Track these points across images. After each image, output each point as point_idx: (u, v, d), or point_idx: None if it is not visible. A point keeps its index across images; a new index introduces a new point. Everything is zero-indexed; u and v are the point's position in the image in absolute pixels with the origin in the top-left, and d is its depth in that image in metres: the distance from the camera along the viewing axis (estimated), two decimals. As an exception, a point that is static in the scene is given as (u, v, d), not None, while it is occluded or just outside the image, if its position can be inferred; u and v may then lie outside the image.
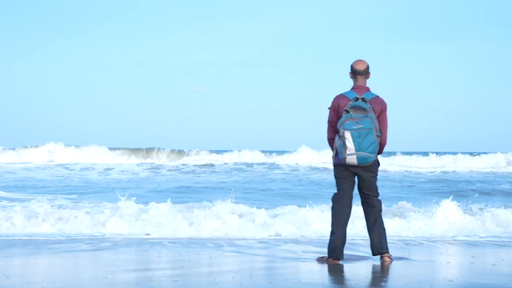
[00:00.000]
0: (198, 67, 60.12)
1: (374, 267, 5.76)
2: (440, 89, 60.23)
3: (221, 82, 61.19)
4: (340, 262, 5.85)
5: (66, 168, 23.05)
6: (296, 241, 7.35)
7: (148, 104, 60.25)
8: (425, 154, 33.06)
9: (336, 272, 5.41)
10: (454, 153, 33.71)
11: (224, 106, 61.62)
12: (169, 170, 23.22)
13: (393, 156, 32.10)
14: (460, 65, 56.68)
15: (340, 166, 5.95)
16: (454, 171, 25.17)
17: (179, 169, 23.50)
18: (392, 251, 6.14)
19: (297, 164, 26.88)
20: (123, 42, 57.70)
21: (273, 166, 25.49)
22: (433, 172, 24.33)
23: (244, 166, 25.27)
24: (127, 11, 56.42)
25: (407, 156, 32.64)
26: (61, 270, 5.45)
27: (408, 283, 4.79)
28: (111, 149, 31.44)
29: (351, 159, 5.77)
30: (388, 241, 5.98)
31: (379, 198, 6.03)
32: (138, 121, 57.95)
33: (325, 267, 5.60)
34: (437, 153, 32.67)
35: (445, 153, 33.41)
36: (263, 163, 27.11)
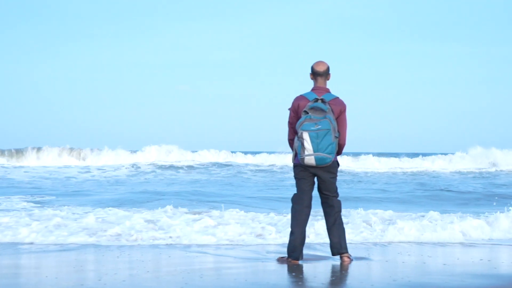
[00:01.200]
0: (185, 67, 60.15)
1: (329, 266, 5.80)
2: (434, 90, 60.65)
3: (208, 82, 61.23)
4: (300, 262, 5.88)
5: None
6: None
7: (136, 104, 60.15)
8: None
9: (287, 272, 5.46)
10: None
11: (211, 105, 61.63)
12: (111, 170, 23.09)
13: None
14: (457, 65, 57.17)
15: (299, 166, 6.00)
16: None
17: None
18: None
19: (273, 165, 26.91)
20: (110, 43, 57.59)
21: (232, 167, 25.27)
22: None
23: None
24: (114, 13, 56.32)
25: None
26: None
27: (350, 282, 4.86)
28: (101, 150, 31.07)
29: (309, 159, 5.81)
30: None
31: (339, 198, 6.08)
32: (128, 121, 57.80)
33: (283, 267, 5.63)
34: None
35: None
36: (228, 164, 26.87)
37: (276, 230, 7.82)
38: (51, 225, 7.91)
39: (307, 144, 5.78)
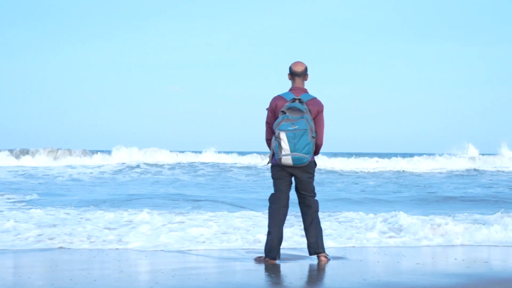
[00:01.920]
0: (177, 68, 60.10)
1: (305, 266, 5.81)
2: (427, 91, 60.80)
3: (199, 83, 61.19)
4: (277, 261, 5.90)
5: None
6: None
7: (128, 104, 59.99)
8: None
9: (264, 271, 5.48)
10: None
11: (201, 106, 61.58)
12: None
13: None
14: (457, 65, 57.39)
15: (276, 166, 6.02)
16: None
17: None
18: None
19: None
20: (102, 43, 57.43)
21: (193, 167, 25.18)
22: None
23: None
24: (105, 13, 56.16)
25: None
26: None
27: (321, 282, 4.90)
28: (92, 151, 30.86)
29: (286, 159, 5.83)
30: None
31: (316, 198, 6.11)
32: (120, 121, 57.65)
33: (260, 267, 5.65)
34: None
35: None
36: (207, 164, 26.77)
37: (254, 230, 7.83)
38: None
39: (284, 144, 5.80)
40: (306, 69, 6.11)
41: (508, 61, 58.14)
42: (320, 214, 6.14)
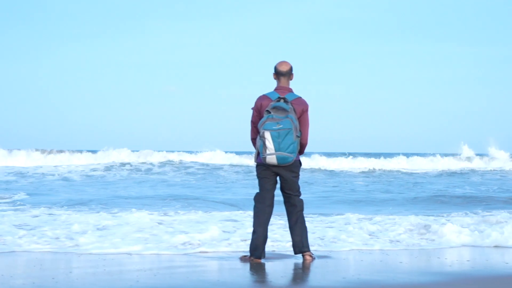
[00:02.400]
0: (173, 68, 60.10)
1: (289, 265, 5.83)
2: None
3: (195, 83, 61.19)
4: (262, 260, 5.91)
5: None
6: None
7: (123, 104, 59.99)
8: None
9: (249, 270, 5.50)
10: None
11: (197, 106, 61.64)
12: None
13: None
14: (451, 65, 57.62)
15: (261, 166, 6.03)
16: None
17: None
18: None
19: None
20: (96, 43, 57.34)
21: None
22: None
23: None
24: (101, 13, 56.08)
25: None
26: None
27: (302, 280, 4.93)
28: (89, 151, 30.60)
29: (271, 159, 5.85)
30: None
31: (301, 197, 6.12)
32: (115, 122, 57.61)
33: (245, 266, 5.67)
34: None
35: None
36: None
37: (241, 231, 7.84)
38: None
39: (269, 143, 5.82)
40: (291, 68, 6.13)
41: (503, 61, 58.39)
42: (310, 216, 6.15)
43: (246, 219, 8.71)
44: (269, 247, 6.41)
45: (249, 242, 6.18)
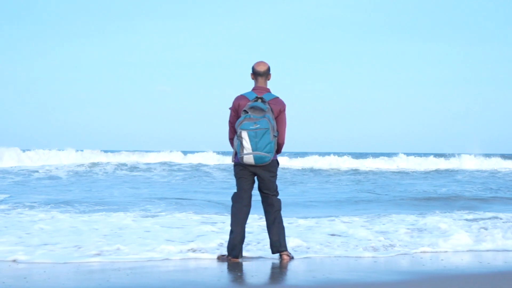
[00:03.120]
0: (165, 68, 60.06)
1: (265, 264, 5.84)
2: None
3: (187, 83, 61.15)
4: (240, 260, 5.92)
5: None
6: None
7: (116, 104, 59.86)
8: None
9: (226, 269, 5.52)
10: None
11: (189, 106, 61.58)
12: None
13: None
14: (441, 65, 57.78)
15: (239, 165, 6.05)
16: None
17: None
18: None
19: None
20: (90, 42, 57.24)
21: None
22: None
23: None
24: (94, 12, 55.98)
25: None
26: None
27: (273, 279, 4.96)
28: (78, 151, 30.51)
29: (248, 158, 5.86)
30: None
31: (279, 197, 6.14)
32: (108, 122, 57.50)
33: (222, 265, 5.68)
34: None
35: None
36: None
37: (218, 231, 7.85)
38: None
39: (246, 143, 5.84)
40: (268, 69, 6.15)
41: (489, 61, 58.70)
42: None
43: (225, 220, 8.71)
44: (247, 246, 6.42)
45: (226, 242, 6.19)
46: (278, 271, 5.46)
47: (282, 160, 29.99)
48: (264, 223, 6.55)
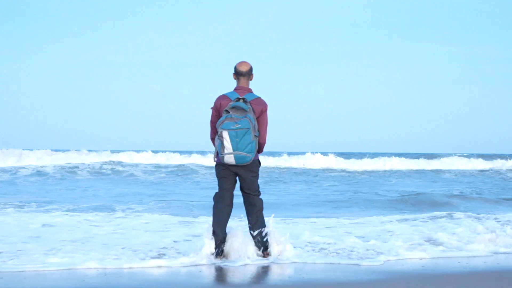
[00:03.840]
0: (157, 67, 60.03)
1: (244, 265, 5.83)
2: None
3: (179, 82, 61.13)
4: (221, 259, 5.89)
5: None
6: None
7: (108, 104, 59.80)
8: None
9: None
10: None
11: (180, 106, 61.55)
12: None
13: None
14: (431, 65, 57.93)
15: (220, 165, 6.05)
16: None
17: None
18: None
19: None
20: (83, 42, 57.15)
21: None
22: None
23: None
24: (87, 11, 55.89)
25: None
26: None
27: (252, 278, 5.00)
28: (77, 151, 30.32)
29: (229, 158, 5.87)
30: None
31: (260, 197, 6.15)
32: (102, 122, 57.45)
33: (203, 266, 5.67)
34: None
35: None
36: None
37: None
38: None
39: (227, 142, 5.84)
40: (251, 69, 6.15)
41: (479, 61, 58.94)
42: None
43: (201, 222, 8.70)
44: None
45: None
46: (256, 271, 5.45)
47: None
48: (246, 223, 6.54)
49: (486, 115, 61.76)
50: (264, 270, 5.50)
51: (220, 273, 5.33)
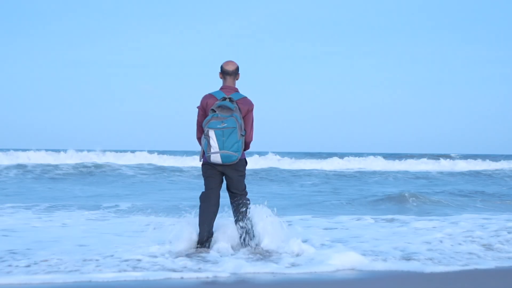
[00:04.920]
0: (148, 67, 59.96)
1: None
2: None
3: (170, 82, 61.09)
4: (208, 251, 5.84)
5: None
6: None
7: (100, 103, 59.64)
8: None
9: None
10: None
11: (173, 106, 61.51)
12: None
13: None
14: (420, 65, 58.16)
15: (207, 165, 6.05)
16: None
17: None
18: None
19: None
20: (77, 42, 56.97)
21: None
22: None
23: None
24: (79, 11, 55.73)
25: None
26: None
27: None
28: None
29: (215, 157, 5.86)
30: None
31: (247, 196, 6.14)
32: (96, 122, 57.28)
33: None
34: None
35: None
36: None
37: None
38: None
39: (213, 142, 5.84)
40: (237, 68, 6.15)
41: (475, 62, 59.32)
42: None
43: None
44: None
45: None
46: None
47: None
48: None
49: (485, 115, 62.07)
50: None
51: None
